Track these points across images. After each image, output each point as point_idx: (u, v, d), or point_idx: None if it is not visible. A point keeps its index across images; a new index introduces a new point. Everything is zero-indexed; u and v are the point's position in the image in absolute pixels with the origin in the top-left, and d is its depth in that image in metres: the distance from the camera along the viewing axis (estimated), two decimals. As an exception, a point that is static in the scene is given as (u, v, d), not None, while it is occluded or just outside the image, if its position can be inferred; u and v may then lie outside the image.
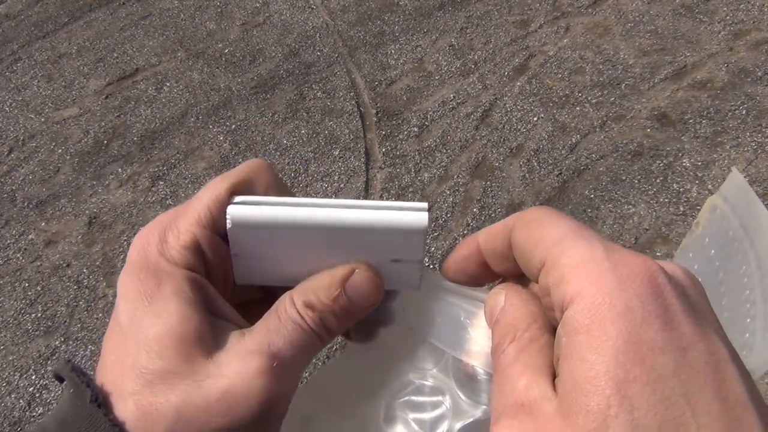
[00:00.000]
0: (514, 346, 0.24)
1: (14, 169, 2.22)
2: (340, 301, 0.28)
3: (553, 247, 0.23)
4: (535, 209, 0.26)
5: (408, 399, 0.32)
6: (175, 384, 0.24)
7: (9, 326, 1.76)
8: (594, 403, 0.19)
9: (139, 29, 2.77)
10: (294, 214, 0.27)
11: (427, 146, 2.06)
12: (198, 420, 0.24)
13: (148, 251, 0.27)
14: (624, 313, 0.20)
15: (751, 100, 2.01)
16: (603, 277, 0.21)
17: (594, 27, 2.40)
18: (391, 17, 2.62)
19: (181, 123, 2.30)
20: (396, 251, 0.29)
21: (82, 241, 1.96)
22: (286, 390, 0.26)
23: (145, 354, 0.25)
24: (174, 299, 0.25)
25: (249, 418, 0.25)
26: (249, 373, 0.25)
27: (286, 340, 0.26)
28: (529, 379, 0.22)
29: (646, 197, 1.81)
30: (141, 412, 0.24)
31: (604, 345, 0.19)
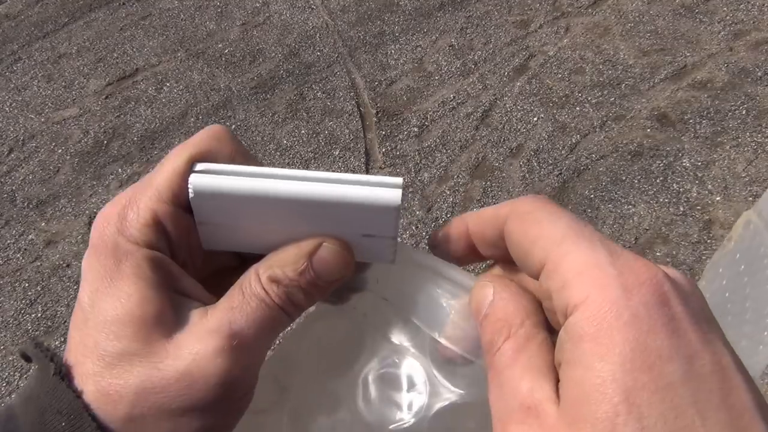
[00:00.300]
0: (510, 344, 0.24)
1: (14, 169, 2.22)
2: (306, 276, 0.27)
3: (554, 248, 0.23)
4: (529, 199, 0.25)
5: (384, 372, 0.32)
6: (134, 366, 0.24)
7: (9, 326, 1.76)
8: (602, 411, 0.19)
9: (139, 29, 2.77)
10: (259, 185, 0.26)
11: (427, 146, 2.06)
12: (157, 401, 0.24)
13: (107, 231, 0.26)
14: (630, 321, 0.20)
15: (751, 100, 2.01)
16: (608, 285, 0.20)
17: (594, 27, 2.40)
18: (391, 17, 2.62)
19: (181, 123, 2.30)
20: (368, 227, 0.28)
21: (82, 241, 1.96)
22: (248, 368, 0.26)
23: (104, 336, 0.24)
24: (133, 280, 0.25)
25: (209, 398, 0.24)
26: (207, 353, 0.24)
27: (249, 318, 0.26)
28: (531, 381, 0.22)
29: (646, 197, 1.81)
30: (101, 394, 0.24)
31: (611, 353, 0.19)
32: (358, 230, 0.28)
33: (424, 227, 1.83)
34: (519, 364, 0.23)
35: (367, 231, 0.28)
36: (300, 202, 0.26)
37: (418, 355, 0.31)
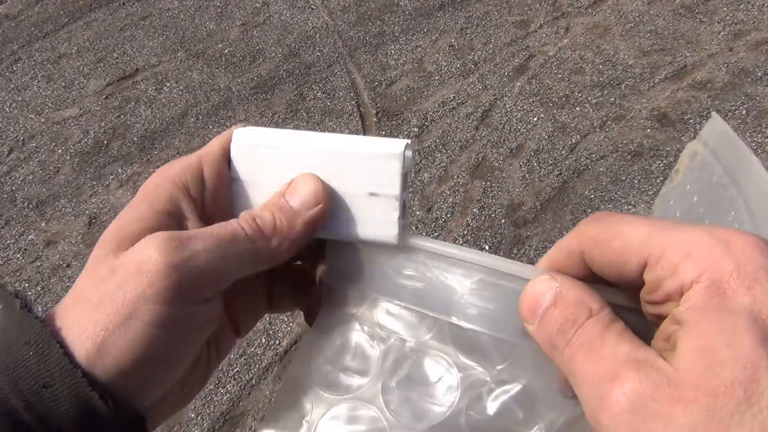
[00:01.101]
0: (595, 321, 0.24)
1: (14, 169, 2.22)
2: (278, 202, 0.30)
3: (646, 245, 0.23)
4: (589, 221, 0.26)
5: (408, 374, 0.31)
6: (96, 273, 0.27)
7: (9, 326, 1.76)
8: (744, 354, 0.19)
9: (139, 29, 2.77)
10: (286, 137, 0.31)
11: (427, 146, 2.06)
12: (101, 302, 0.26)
13: (153, 176, 0.30)
14: (752, 285, 0.20)
15: (751, 100, 2.01)
16: (721, 257, 0.21)
17: (594, 27, 2.40)
18: (391, 17, 2.62)
19: (181, 123, 2.30)
20: (373, 182, 0.29)
21: (82, 241, 1.96)
22: (188, 269, 0.26)
23: (97, 248, 0.28)
24: (145, 204, 0.28)
25: (147, 294, 0.25)
26: (142, 247, 0.26)
27: (202, 230, 0.27)
28: (631, 345, 0.22)
29: (646, 197, 1.81)
30: (72, 299, 0.27)
31: (743, 309, 0.20)
32: (365, 187, 0.29)
33: (424, 227, 1.83)
34: (611, 333, 0.23)
35: (372, 188, 0.29)
36: (315, 150, 0.29)
37: (438, 347, 0.31)
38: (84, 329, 0.25)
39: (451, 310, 0.30)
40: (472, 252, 0.29)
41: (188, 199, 0.29)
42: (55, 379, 0.24)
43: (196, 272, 0.26)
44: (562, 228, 1.77)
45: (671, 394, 0.20)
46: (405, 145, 0.29)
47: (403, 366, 0.31)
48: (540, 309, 0.25)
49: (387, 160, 0.28)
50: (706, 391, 0.19)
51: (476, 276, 0.29)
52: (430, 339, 0.31)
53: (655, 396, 0.20)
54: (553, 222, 1.79)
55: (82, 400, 0.24)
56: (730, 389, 0.19)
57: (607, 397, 0.21)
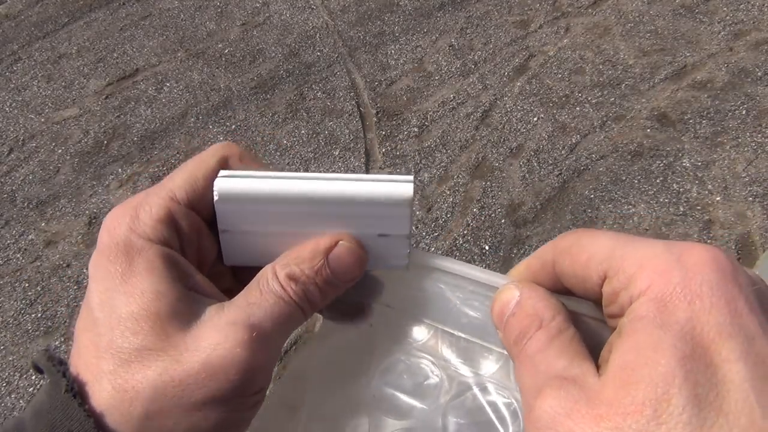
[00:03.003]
0: (542, 333, 0.24)
1: (14, 169, 2.22)
2: (323, 273, 0.27)
3: (608, 258, 0.23)
4: (566, 234, 0.26)
5: (398, 377, 0.32)
6: (152, 361, 0.24)
7: (9, 326, 1.76)
8: (658, 373, 0.19)
9: (139, 29, 2.77)
10: (280, 186, 0.27)
11: (427, 146, 2.06)
12: (176, 395, 0.24)
13: (118, 230, 0.26)
14: (693, 300, 0.20)
15: (751, 100, 2.01)
16: (670, 269, 0.21)
17: (594, 27, 2.40)
18: (391, 17, 2.62)
19: (181, 123, 2.30)
20: (382, 225, 0.28)
21: (82, 241, 1.96)
22: (266, 361, 0.26)
23: (119, 333, 0.24)
24: (146, 276, 0.25)
25: (228, 390, 0.24)
26: (228, 345, 0.24)
27: (267, 313, 0.26)
28: (568, 360, 0.22)
29: (646, 197, 1.81)
30: (117, 392, 0.24)
31: (673, 327, 0.20)
32: (374, 229, 0.28)
33: (424, 227, 1.83)
34: (553, 347, 0.23)
35: (382, 230, 0.28)
36: (318, 200, 0.27)
37: (431, 353, 0.32)
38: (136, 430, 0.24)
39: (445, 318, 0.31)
40: (461, 264, 0.30)
41: (179, 257, 0.27)
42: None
43: (271, 361, 0.26)
44: (562, 228, 1.77)
45: (586, 413, 0.20)
46: (412, 188, 0.28)
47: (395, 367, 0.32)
48: (504, 317, 0.26)
49: (396, 207, 0.28)
50: (618, 409, 0.19)
51: (467, 287, 0.30)
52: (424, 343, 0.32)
53: (571, 413, 0.20)
54: (553, 222, 1.79)
55: None
56: (640, 408, 0.19)
57: (532, 410, 0.22)
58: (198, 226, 0.28)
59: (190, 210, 0.28)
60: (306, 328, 1.60)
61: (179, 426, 0.24)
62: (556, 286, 0.27)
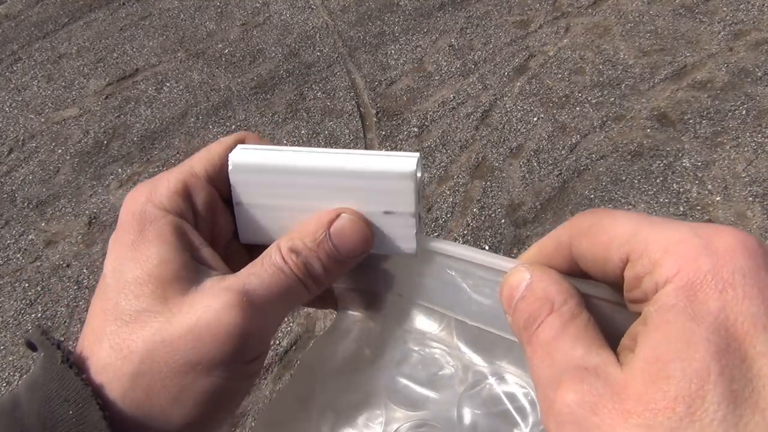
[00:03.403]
0: (554, 317, 0.23)
1: (14, 169, 2.22)
2: (325, 246, 0.28)
3: (631, 240, 0.22)
4: (584, 214, 0.25)
5: (412, 367, 0.32)
6: (148, 322, 0.25)
7: (9, 326, 1.76)
8: (693, 368, 0.18)
9: (139, 29, 2.77)
10: (291, 157, 0.28)
11: (427, 146, 2.06)
12: (166, 355, 0.24)
13: (137, 202, 0.27)
14: (725, 289, 0.19)
15: (751, 100, 2.01)
16: (699, 255, 0.20)
17: (594, 27, 2.40)
18: (391, 17, 2.62)
19: (181, 123, 2.30)
20: (387, 201, 0.28)
21: (82, 241, 1.96)
22: (259, 328, 0.26)
23: (123, 296, 0.25)
24: (155, 243, 0.26)
25: (218, 352, 0.24)
26: (218, 307, 0.25)
27: (264, 282, 0.26)
28: (585, 348, 0.21)
29: (646, 197, 1.81)
30: (113, 350, 0.25)
31: (706, 318, 0.19)
32: (380, 206, 0.28)
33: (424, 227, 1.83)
34: (568, 333, 0.22)
35: (387, 206, 0.28)
36: (325, 171, 0.28)
37: (445, 341, 0.31)
38: (143, 386, 0.24)
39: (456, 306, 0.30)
40: (471, 250, 0.29)
41: (190, 228, 0.28)
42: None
43: (264, 330, 0.26)
44: (562, 228, 1.77)
45: (613, 407, 0.19)
46: (416, 161, 0.28)
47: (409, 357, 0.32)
48: (513, 301, 0.25)
49: (400, 180, 0.28)
50: (648, 405, 0.18)
51: (478, 273, 0.29)
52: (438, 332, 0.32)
53: (596, 408, 0.19)
54: (553, 222, 1.79)
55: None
56: (672, 404, 0.18)
57: (552, 404, 0.21)
58: (214, 201, 0.29)
59: (208, 185, 0.29)
60: (306, 327, 1.60)
61: (168, 387, 0.24)
62: (571, 270, 0.26)
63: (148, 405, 0.24)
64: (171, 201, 0.27)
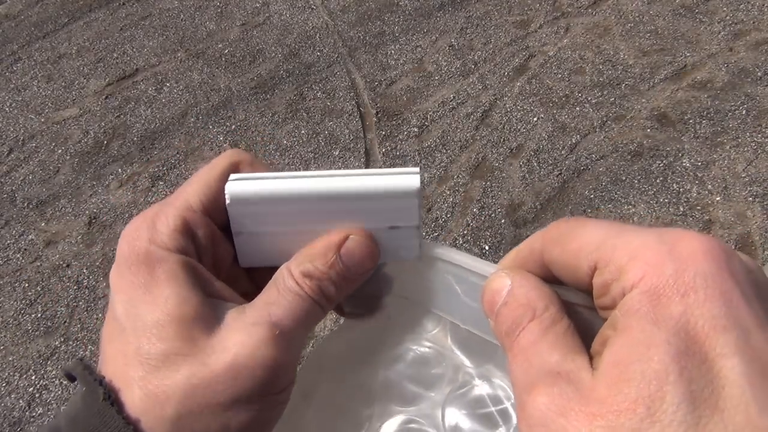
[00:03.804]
0: (535, 324, 0.23)
1: (14, 169, 2.22)
2: (336, 267, 0.28)
3: (599, 248, 0.23)
4: (556, 223, 0.26)
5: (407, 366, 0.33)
6: (179, 365, 0.24)
7: (9, 326, 1.76)
8: (652, 370, 0.18)
9: (139, 29, 2.77)
10: (289, 185, 0.28)
11: (427, 146, 2.06)
12: (206, 396, 0.24)
13: (138, 242, 0.27)
14: (687, 293, 0.19)
15: (751, 100, 2.01)
16: (663, 261, 0.20)
17: (594, 27, 2.40)
18: (391, 17, 2.62)
19: (181, 123, 2.30)
20: (392, 217, 0.29)
21: (82, 241, 1.96)
22: (290, 358, 0.26)
23: (146, 340, 0.25)
24: (169, 284, 0.26)
25: (255, 387, 0.25)
26: (252, 344, 0.25)
27: (286, 310, 0.27)
28: (561, 354, 0.22)
29: (646, 197, 1.81)
30: (148, 397, 0.24)
31: (667, 321, 0.19)
32: (384, 222, 0.29)
33: (424, 227, 1.83)
34: (546, 340, 0.23)
35: (391, 222, 0.29)
36: (328, 196, 0.28)
37: (439, 342, 0.32)
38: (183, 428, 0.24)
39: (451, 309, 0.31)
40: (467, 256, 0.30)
41: (197, 264, 0.28)
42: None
43: (294, 359, 0.27)
44: (562, 228, 1.77)
45: (579, 410, 0.19)
46: (418, 178, 0.29)
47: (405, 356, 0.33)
48: (496, 307, 0.25)
49: (404, 198, 0.28)
50: (611, 407, 0.19)
51: (470, 279, 0.30)
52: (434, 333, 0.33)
53: (564, 411, 0.20)
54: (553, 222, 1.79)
55: None
56: (633, 405, 0.18)
57: (525, 407, 0.21)
58: (213, 233, 0.29)
59: (205, 216, 0.29)
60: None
61: (209, 426, 0.24)
62: (545, 276, 0.26)
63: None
64: (173, 240, 0.27)
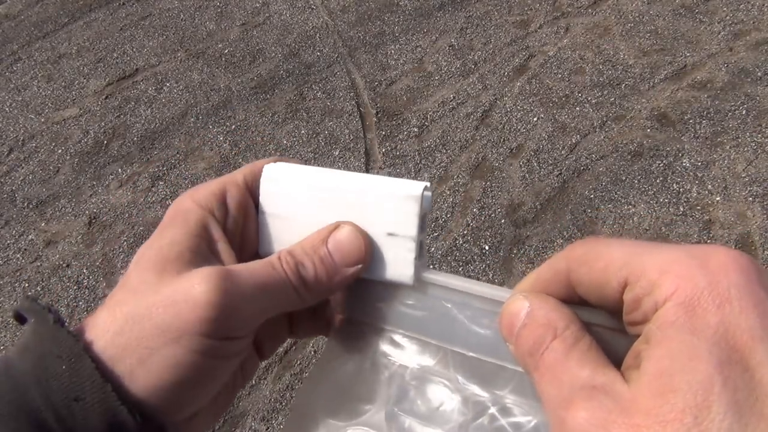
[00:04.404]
0: (558, 343, 0.24)
1: (14, 169, 2.22)
2: (320, 251, 0.30)
3: (628, 264, 0.23)
4: (579, 243, 0.26)
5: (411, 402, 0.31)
6: (142, 290, 0.27)
7: (9, 326, 1.76)
8: (696, 380, 0.19)
9: (139, 29, 2.77)
10: (316, 175, 0.31)
11: (427, 146, 2.06)
12: (143, 318, 0.26)
13: (179, 200, 0.31)
14: (722, 304, 0.20)
15: (751, 100, 2.01)
16: (695, 274, 0.21)
17: (594, 27, 2.40)
18: (391, 17, 2.62)
19: (181, 123, 2.30)
20: (391, 221, 0.29)
21: (82, 241, 1.96)
22: (235, 307, 0.27)
23: (134, 270, 0.28)
24: (176, 228, 0.29)
25: (194, 324, 0.26)
26: (198, 281, 0.26)
27: (250, 270, 0.28)
28: (591, 369, 0.22)
29: (646, 197, 1.81)
30: (108, 313, 0.27)
31: (706, 332, 0.20)
32: (383, 227, 0.30)
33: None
34: (573, 357, 0.23)
35: (390, 228, 0.30)
36: (340, 189, 0.30)
37: (442, 374, 0.31)
38: (120, 344, 0.26)
39: (453, 338, 0.30)
40: (467, 281, 0.30)
41: (215, 223, 0.30)
42: (86, 393, 0.24)
43: (240, 311, 0.27)
44: (562, 228, 1.77)
45: (623, 422, 0.20)
46: (424, 187, 0.29)
47: (406, 392, 0.31)
48: (515, 329, 0.26)
49: (405, 201, 0.29)
50: (657, 418, 0.19)
51: (475, 304, 0.29)
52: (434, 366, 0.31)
53: (607, 424, 0.20)
54: (553, 222, 1.79)
55: (112, 414, 0.24)
56: (680, 416, 0.19)
57: (563, 423, 0.21)
58: (247, 205, 0.32)
59: (245, 191, 0.32)
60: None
61: (138, 348, 0.25)
62: (569, 297, 0.26)
63: (120, 363, 0.25)
64: (206, 199, 0.30)
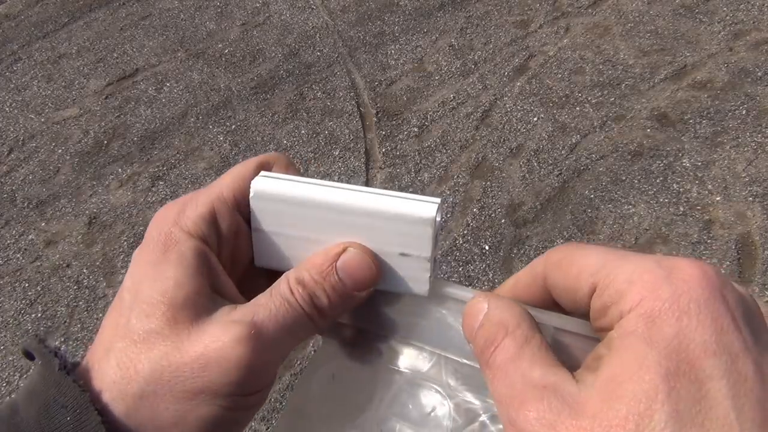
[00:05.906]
0: (509, 341, 0.24)
1: (14, 169, 2.22)
2: (330, 279, 0.28)
3: (599, 272, 0.23)
4: (558, 248, 0.26)
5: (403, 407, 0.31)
6: (157, 344, 0.25)
7: (9, 326, 1.76)
8: (641, 389, 0.19)
9: (139, 29, 2.77)
10: (312, 190, 0.28)
11: (427, 146, 2.06)
12: (171, 380, 0.25)
13: (164, 223, 0.28)
14: (681, 317, 0.20)
15: (751, 100, 2.01)
16: (660, 286, 0.21)
17: (594, 27, 2.40)
18: (391, 17, 2.62)
19: (181, 123, 2.30)
20: (404, 243, 0.28)
21: (82, 241, 1.96)
22: (265, 362, 0.26)
23: (136, 314, 0.26)
24: (175, 265, 0.26)
25: (222, 384, 0.25)
26: (226, 339, 0.25)
27: (271, 314, 0.27)
28: (542, 368, 0.22)
29: (646, 197, 1.81)
30: (119, 369, 0.25)
31: (659, 343, 0.20)
32: (396, 247, 0.29)
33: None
34: (524, 355, 0.23)
35: (403, 248, 0.29)
36: (344, 208, 0.28)
37: (435, 380, 0.31)
38: (130, 413, 0.25)
39: (447, 345, 0.30)
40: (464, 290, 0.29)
41: (211, 254, 0.28)
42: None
43: (269, 364, 0.27)
44: (562, 228, 1.77)
45: (571, 424, 0.20)
46: (436, 208, 0.28)
47: (399, 397, 0.32)
48: (474, 330, 0.26)
49: (419, 225, 0.28)
50: (602, 422, 0.19)
51: None
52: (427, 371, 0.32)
53: (556, 425, 0.20)
54: (553, 222, 1.79)
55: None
56: (623, 422, 0.19)
57: (515, 423, 0.22)
58: (238, 226, 0.30)
59: (234, 209, 0.29)
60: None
61: (169, 411, 0.25)
62: (546, 300, 0.27)
63: (150, 426, 0.25)
64: (197, 225, 0.28)
